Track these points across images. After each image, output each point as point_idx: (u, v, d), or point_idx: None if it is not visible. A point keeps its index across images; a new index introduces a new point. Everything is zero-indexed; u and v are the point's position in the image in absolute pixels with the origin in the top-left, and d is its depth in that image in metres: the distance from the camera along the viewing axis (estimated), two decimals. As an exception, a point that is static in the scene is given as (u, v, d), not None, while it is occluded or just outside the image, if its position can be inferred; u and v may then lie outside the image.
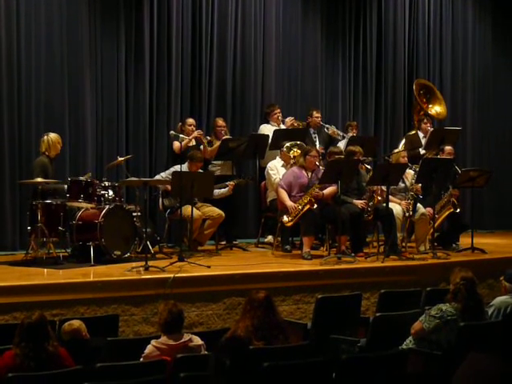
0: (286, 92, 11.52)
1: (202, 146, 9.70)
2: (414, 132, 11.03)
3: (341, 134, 10.61)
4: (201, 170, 9.26)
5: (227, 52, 10.86)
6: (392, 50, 12.34)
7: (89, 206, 8.30)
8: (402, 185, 9.23)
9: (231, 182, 9.28)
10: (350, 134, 10.59)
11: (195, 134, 9.57)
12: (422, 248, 9.26)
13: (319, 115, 10.60)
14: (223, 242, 9.67)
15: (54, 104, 9.60)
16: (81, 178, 8.43)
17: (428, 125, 10.85)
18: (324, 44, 11.85)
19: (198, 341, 5.22)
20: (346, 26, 12.01)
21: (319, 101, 11.65)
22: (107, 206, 8.24)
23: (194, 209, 8.62)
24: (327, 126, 10.62)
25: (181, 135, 8.98)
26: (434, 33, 12.80)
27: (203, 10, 10.66)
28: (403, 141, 10.74)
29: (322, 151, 9.94)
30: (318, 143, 10.37)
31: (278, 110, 10.31)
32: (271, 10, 11.28)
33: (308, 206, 8.49)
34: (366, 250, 9.05)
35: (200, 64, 10.66)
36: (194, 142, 9.59)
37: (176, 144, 9.35)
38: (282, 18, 11.42)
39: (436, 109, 11.44)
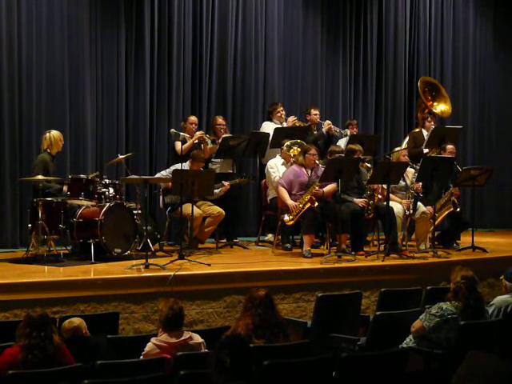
0: (287, 90, 11.51)
1: (202, 145, 9.69)
2: (418, 130, 10.95)
3: (338, 130, 10.56)
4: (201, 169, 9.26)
5: (228, 50, 10.85)
6: (392, 48, 12.32)
7: (89, 203, 8.30)
8: (402, 183, 9.23)
9: (226, 183, 9.26)
10: (348, 131, 10.56)
11: (197, 135, 9.52)
12: (422, 247, 9.26)
13: (317, 112, 10.55)
14: (223, 240, 9.67)
15: (55, 101, 9.60)
16: (82, 175, 8.45)
17: (432, 123, 10.68)
18: (325, 42, 11.84)
19: (198, 339, 5.22)
20: (346, 24, 12.00)
21: (319, 99, 11.64)
22: (108, 204, 8.24)
23: (195, 207, 8.61)
24: (323, 122, 10.54)
25: (181, 133, 8.96)
26: (435, 31, 12.78)
27: (204, 7, 10.66)
28: (407, 138, 10.71)
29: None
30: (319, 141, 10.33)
31: (281, 109, 10.28)
32: (272, 9, 11.28)
33: (309, 205, 8.49)
34: (366, 249, 9.04)
35: (200, 62, 10.66)
36: (196, 140, 9.59)
37: (178, 146, 9.23)
38: (283, 16, 11.41)
39: (441, 107, 11.36)
